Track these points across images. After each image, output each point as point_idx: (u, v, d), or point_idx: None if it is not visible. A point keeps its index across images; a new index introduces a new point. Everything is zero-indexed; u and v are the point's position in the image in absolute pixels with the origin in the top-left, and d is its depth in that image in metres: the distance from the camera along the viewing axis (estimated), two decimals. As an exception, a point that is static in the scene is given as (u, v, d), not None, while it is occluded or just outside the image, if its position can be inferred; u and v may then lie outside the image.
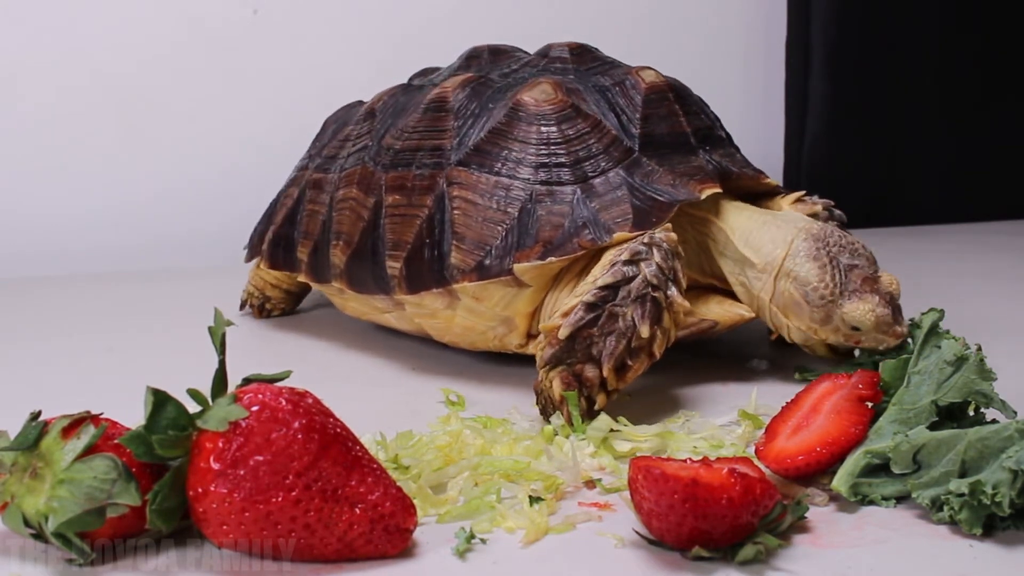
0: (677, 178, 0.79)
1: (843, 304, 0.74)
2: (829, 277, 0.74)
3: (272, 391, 0.50)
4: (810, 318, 0.75)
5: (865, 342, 0.74)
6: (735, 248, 0.79)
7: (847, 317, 0.73)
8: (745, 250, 0.79)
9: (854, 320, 0.73)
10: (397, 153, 0.85)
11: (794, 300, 0.76)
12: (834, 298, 0.74)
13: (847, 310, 0.73)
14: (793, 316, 0.76)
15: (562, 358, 0.68)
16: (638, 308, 0.68)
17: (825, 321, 0.75)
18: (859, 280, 0.74)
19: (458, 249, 0.77)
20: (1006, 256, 1.43)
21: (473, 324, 0.80)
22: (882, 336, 0.73)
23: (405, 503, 0.51)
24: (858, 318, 0.73)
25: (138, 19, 1.46)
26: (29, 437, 0.50)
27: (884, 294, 0.74)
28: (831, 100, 1.68)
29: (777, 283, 0.77)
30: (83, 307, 1.17)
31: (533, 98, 0.80)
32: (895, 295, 0.74)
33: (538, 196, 0.77)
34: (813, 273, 0.75)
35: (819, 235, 0.76)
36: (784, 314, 0.77)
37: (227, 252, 1.31)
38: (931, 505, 0.53)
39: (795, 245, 0.76)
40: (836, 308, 0.74)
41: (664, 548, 0.50)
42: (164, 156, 1.49)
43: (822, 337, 0.76)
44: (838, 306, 0.74)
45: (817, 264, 0.75)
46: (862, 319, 0.73)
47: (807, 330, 0.76)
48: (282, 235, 0.97)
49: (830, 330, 0.75)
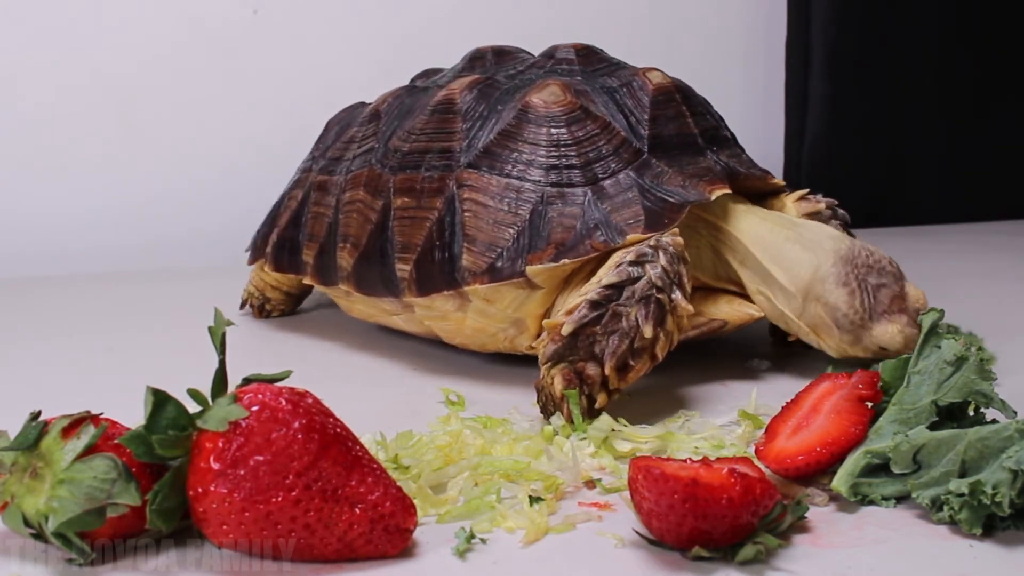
0: (687, 179, 0.79)
1: (872, 327, 0.75)
2: (859, 303, 0.75)
3: (272, 391, 0.50)
4: (839, 340, 0.76)
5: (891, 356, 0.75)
6: (757, 261, 0.80)
7: (877, 340, 0.75)
8: (770, 267, 0.79)
9: (883, 343, 0.75)
10: (405, 155, 0.85)
11: (825, 323, 0.77)
12: (863, 323, 0.75)
13: (876, 333, 0.75)
14: (824, 336, 0.78)
15: (564, 355, 0.68)
16: (642, 308, 0.68)
17: (855, 343, 0.76)
18: (888, 300, 0.75)
19: (469, 251, 0.77)
20: (1006, 256, 1.43)
21: (484, 326, 0.80)
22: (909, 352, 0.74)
23: (405, 503, 0.51)
24: (887, 341, 0.75)
25: (138, 19, 1.46)
26: (29, 437, 0.50)
27: (912, 312, 0.75)
28: (831, 100, 1.68)
29: (807, 306, 0.78)
30: (83, 307, 1.17)
31: (542, 100, 0.80)
32: (922, 310, 0.75)
33: (549, 198, 0.77)
34: (843, 300, 0.75)
35: (847, 257, 0.76)
36: (815, 333, 0.78)
37: (227, 252, 1.31)
38: (931, 505, 0.53)
39: (824, 270, 0.77)
40: (865, 331, 0.75)
41: (664, 548, 0.50)
42: (164, 156, 1.49)
43: (851, 355, 0.77)
44: (867, 329, 0.75)
45: (847, 290, 0.76)
46: (891, 341, 0.74)
47: (836, 349, 0.77)
48: (287, 238, 0.97)
49: (860, 350, 0.76)
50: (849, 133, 1.70)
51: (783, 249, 0.79)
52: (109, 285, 1.30)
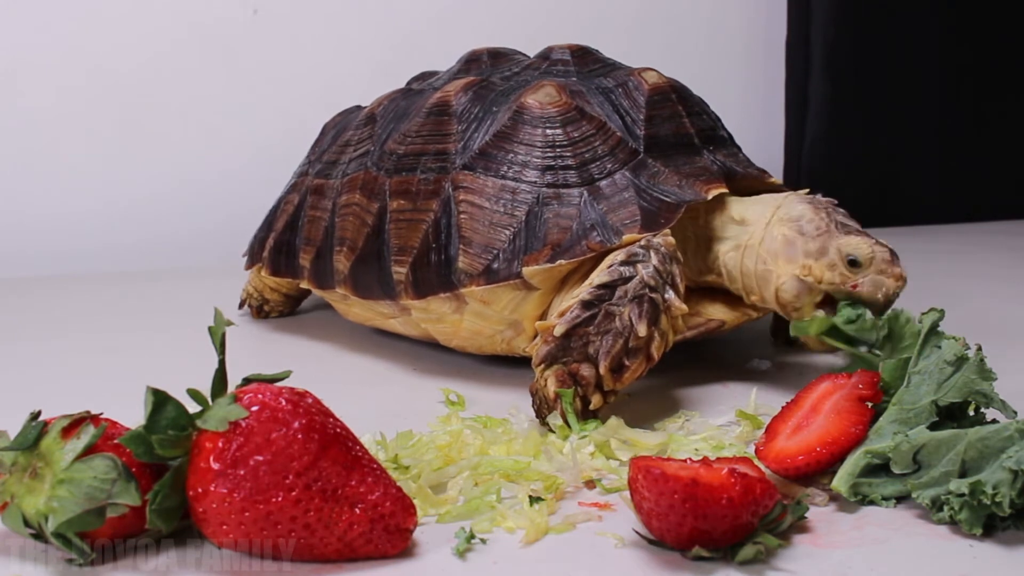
0: (683, 179, 0.79)
1: (840, 237, 0.73)
2: (824, 214, 0.75)
3: (272, 391, 0.50)
4: (804, 253, 0.74)
5: (864, 287, 0.72)
6: (730, 217, 0.79)
7: (844, 246, 0.72)
8: (738, 215, 0.79)
9: (851, 248, 0.72)
10: (400, 158, 0.85)
11: (787, 239, 0.75)
12: (829, 230, 0.73)
13: (844, 242, 0.73)
14: (784, 260, 0.75)
15: (557, 356, 0.68)
16: (635, 308, 0.68)
17: (821, 253, 0.73)
18: (854, 230, 0.74)
19: (465, 253, 0.77)
20: (1006, 256, 1.43)
21: (480, 328, 0.80)
22: (882, 279, 0.72)
23: (405, 503, 0.51)
24: (855, 246, 0.72)
25: (138, 19, 1.46)
26: (29, 437, 0.50)
27: (881, 242, 0.73)
28: (831, 100, 1.68)
29: (768, 231, 0.76)
30: (83, 307, 1.17)
31: (537, 101, 0.80)
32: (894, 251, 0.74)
33: (545, 199, 0.76)
34: (807, 211, 0.75)
35: (811, 197, 0.78)
36: (775, 261, 0.75)
37: (227, 252, 1.31)
38: (931, 505, 0.53)
39: (787, 199, 0.78)
40: (832, 239, 0.73)
41: (664, 548, 0.50)
42: (164, 156, 1.49)
43: (816, 277, 0.73)
44: (834, 238, 0.73)
45: (811, 207, 0.76)
46: (859, 247, 0.72)
47: (801, 273, 0.74)
48: (283, 242, 0.97)
49: (825, 265, 0.73)
50: (849, 133, 1.70)
51: (752, 203, 0.79)
52: (109, 285, 1.30)
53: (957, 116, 1.74)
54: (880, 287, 0.72)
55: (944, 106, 1.74)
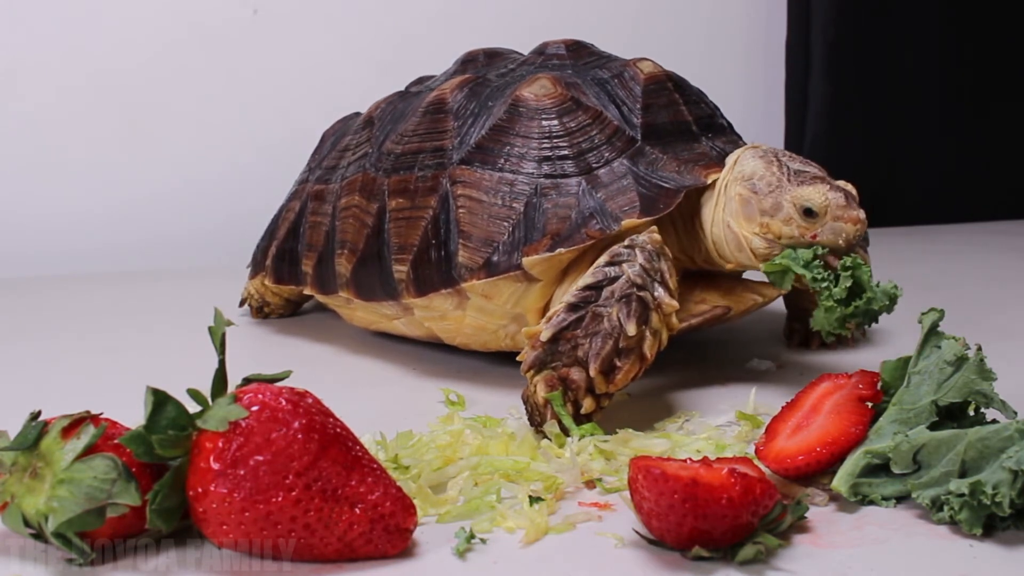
0: (682, 164, 0.78)
1: (793, 188, 0.72)
2: (776, 167, 0.74)
3: (272, 391, 0.50)
4: (760, 211, 0.73)
5: (823, 236, 0.71)
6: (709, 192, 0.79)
7: (797, 199, 0.72)
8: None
9: (804, 199, 0.72)
10: (398, 157, 0.85)
11: (742, 199, 0.74)
12: (781, 184, 0.73)
13: (797, 192, 0.72)
14: (744, 220, 0.74)
15: (546, 361, 0.67)
16: (623, 307, 0.67)
17: (775, 209, 0.73)
18: (810, 178, 0.73)
19: (465, 248, 0.77)
20: (1006, 256, 1.43)
21: (484, 323, 0.80)
22: (840, 224, 0.71)
23: (405, 503, 0.51)
24: (808, 196, 0.71)
25: (138, 19, 1.47)
26: (29, 437, 0.50)
27: (836, 186, 0.72)
28: (831, 100, 1.69)
29: (727, 192, 0.76)
30: (83, 307, 1.17)
31: (533, 93, 0.80)
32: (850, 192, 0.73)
33: (543, 190, 0.76)
34: (759, 166, 0.75)
35: (766, 147, 0.77)
36: (738, 222, 0.75)
37: (227, 252, 1.31)
38: (931, 505, 0.53)
39: (742, 156, 0.77)
40: (785, 193, 0.73)
41: (664, 548, 0.50)
42: (164, 156, 1.49)
43: (776, 234, 0.73)
44: (787, 191, 0.73)
45: (763, 161, 0.75)
46: (812, 197, 0.71)
47: (760, 232, 0.74)
48: (286, 249, 0.97)
49: (782, 220, 0.73)
50: (849, 133, 1.70)
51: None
52: (109, 285, 1.30)
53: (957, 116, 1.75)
54: (840, 234, 0.71)
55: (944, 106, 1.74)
